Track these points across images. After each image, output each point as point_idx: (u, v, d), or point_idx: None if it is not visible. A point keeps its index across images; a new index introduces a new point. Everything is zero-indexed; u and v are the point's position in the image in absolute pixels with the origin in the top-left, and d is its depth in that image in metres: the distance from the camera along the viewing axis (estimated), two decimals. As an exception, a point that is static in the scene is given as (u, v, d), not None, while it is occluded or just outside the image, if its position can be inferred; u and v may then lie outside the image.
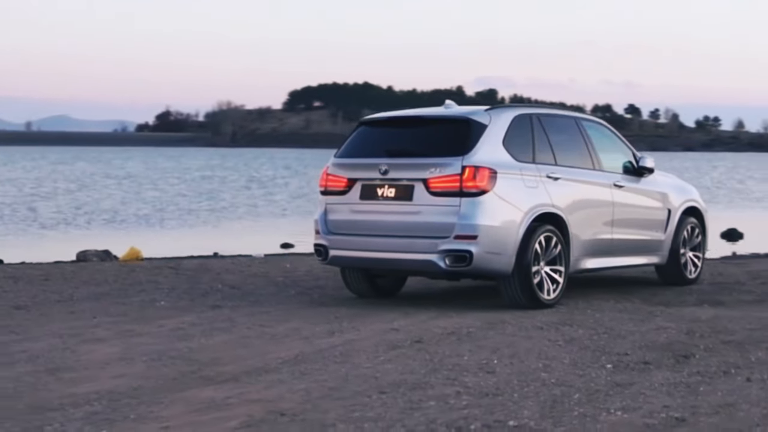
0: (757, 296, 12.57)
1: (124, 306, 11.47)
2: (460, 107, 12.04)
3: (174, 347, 8.95)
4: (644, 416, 6.68)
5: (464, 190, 10.79)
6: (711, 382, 7.72)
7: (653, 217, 13.02)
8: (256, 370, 8.06)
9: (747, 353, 8.80)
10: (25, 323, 10.25)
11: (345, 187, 11.51)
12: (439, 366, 8.17)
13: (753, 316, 10.85)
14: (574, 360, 8.42)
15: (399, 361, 8.37)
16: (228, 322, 10.26)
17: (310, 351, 8.78)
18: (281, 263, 16.41)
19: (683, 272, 13.46)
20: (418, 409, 6.79)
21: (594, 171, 12.24)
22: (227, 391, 7.34)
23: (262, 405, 6.90)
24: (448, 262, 10.79)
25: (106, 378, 7.75)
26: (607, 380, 7.70)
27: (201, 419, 6.55)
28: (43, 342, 9.19)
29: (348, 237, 11.45)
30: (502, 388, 7.39)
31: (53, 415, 6.64)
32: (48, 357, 8.50)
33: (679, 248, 13.34)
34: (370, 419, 6.53)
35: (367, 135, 11.79)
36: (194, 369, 8.09)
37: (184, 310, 11.13)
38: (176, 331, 9.81)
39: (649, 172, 12.99)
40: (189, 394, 7.24)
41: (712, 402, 7.07)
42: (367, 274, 12.05)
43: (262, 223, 30.02)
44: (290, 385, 7.51)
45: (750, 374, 7.95)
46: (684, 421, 6.57)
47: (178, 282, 13.64)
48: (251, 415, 6.62)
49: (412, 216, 11.03)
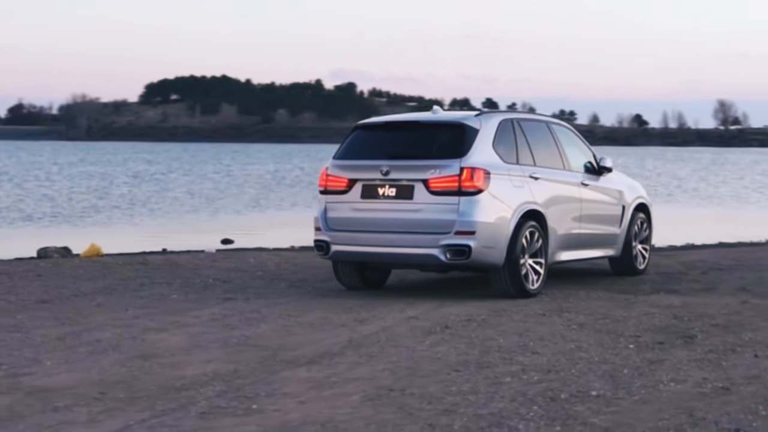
0: (704, 285, 13.84)
1: (141, 299, 12.19)
2: (451, 113, 13.10)
3: (231, 336, 9.76)
4: (694, 386, 7.78)
5: (462, 189, 11.82)
6: (727, 358, 8.87)
7: (611, 213, 14.26)
8: (324, 354, 8.95)
9: (738, 334, 10.00)
10: (69, 316, 10.91)
11: (346, 187, 12.43)
12: (485, 348, 9.17)
13: (717, 303, 12.09)
14: (599, 341, 9.52)
15: (446, 344, 9.35)
16: (256, 313, 11.09)
17: (358, 337, 9.70)
18: (243, 258, 17.18)
19: (634, 264, 14.74)
20: (501, 384, 7.80)
21: (564, 171, 13.41)
22: (318, 372, 8.23)
23: (363, 383, 7.82)
24: (449, 255, 11.82)
25: (198, 363, 8.55)
26: (640, 358, 8.81)
27: (323, 395, 7.45)
28: (107, 332, 9.91)
29: (349, 233, 12.37)
30: (557, 366, 8.43)
31: (189, 394, 7.45)
32: (127, 345, 9.25)
33: (631, 241, 14.62)
34: (469, 392, 7.51)
35: (364, 138, 12.73)
36: (269, 354, 8.93)
37: (201, 303, 11.90)
38: (215, 321, 10.60)
39: (607, 172, 14.21)
40: (288, 375, 8.10)
41: (741, 374, 8.21)
42: (358, 267, 12.97)
43: (179, 219, 30.47)
44: (370, 366, 8.42)
45: (754, 352, 9.14)
46: (729, 390, 7.69)
47: (169, 277, 14.36)
48: (365, 391, 7.53)
49: (412, 213, 12.01)
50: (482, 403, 7.22)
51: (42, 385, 7.73)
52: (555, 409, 7.04)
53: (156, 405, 7.15)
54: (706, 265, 16.21)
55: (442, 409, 7.02)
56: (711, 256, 17.66)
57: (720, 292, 13.10)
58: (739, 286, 13.70)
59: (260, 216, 32.04)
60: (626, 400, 7.33)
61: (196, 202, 36.39)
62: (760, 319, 10.94)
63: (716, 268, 15.69)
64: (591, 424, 6.66)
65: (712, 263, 16.44)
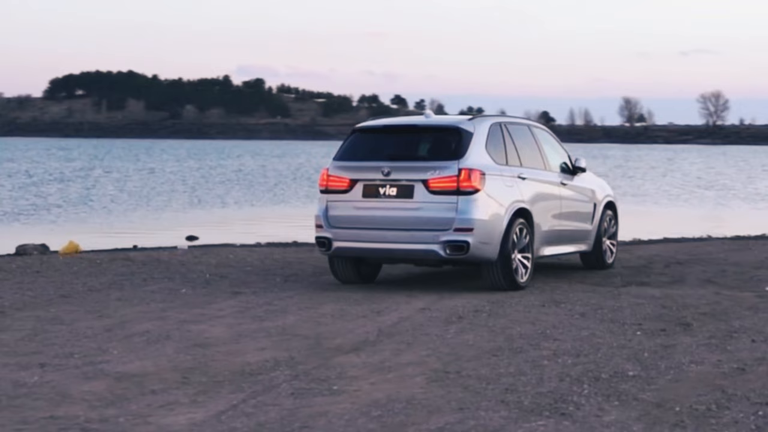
0: (672, 278, 14.81)
1: (154, 294, 12.79)
2: (444, 117, 13.93)
3: (266, 326, 10.45)
4: (713, 367, 8.66)
5: (461, 189, 12.63)
6: (728, 342, 9.77)
7: (585, 210, 15.19)
8: (364, 342, 9.68)
9: (727, 322, 10.92)
10: (99, 309, 11.50)
11: (347, 186, 13.17)
12: (508, 336, 9.98)
13: (693, 294, 13.03)
14: (608, 329, 10.38)
15: (470, 332, 10.14)
16: (272, 306, 11.78)
17: (386, 326, 10.44)
18: (220, 254, 17.82)
19: (604, 258, 15.70)
20: (541, 366, 8.61)
21: (546, 171, 14.30)
22: (368, 358, 8.96)
23: (417, 367, 8.57)
24: (448, 251, 12.63)
25: (253, 351, 9.23)
26: (653, 343, 9.68)
27: (388, 377, 8.19)
28: (146, 324, 10.54)
29: (351, 230, 13.11)
30: (583, 351, 9.27)
31: (266, 377, 8.14)
32: (177, 336, 9.88)
33: (601, 237, 15.58)
34: (517, 374, 8.31)
35: (363, 141, 13.48)
36: (312, 342, 9.65)
37: (213, 296, 12.55)
38: (241, 313, 11.27)
39: (581, 171, 15.13)
40: (342, 361, 8.82)
41: (748, 357, 9.11)
42: (354, 263, 13.72)
43: (126, 217, 30.80)
44: (413, 353, 9.17)
45: (750, 337, 10.05)
46: (744, 371, 8.57)
47: (164, 273, 14.97)
48: (424, 374, 8.29)
49: (413, 212, 12.79)
50: (535, 382, 8.01)
51: (124, 371, 8.34)
52: (603, 387, 7.86)
53: (243, 387, 7.82)
54: (663, 259, 17.21)
55: (503, 389, 7.80)
56: (664, 251, 18.70)
57: (690, 285, 14.03)
58: (705, 278, 14.67)
59: (206, 213, 32.49)
60: (660, 380, 8.17)
61: (134, 201, 36.67)
62: (739, 308, 11.87)
63: (675, 262, 16.68)
64: (642, 400, 7.49)
65: (669, 257, 17.44)
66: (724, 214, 33.20)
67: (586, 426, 6.76)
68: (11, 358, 8.83)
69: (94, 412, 7.07)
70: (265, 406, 7.24)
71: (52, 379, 8.05)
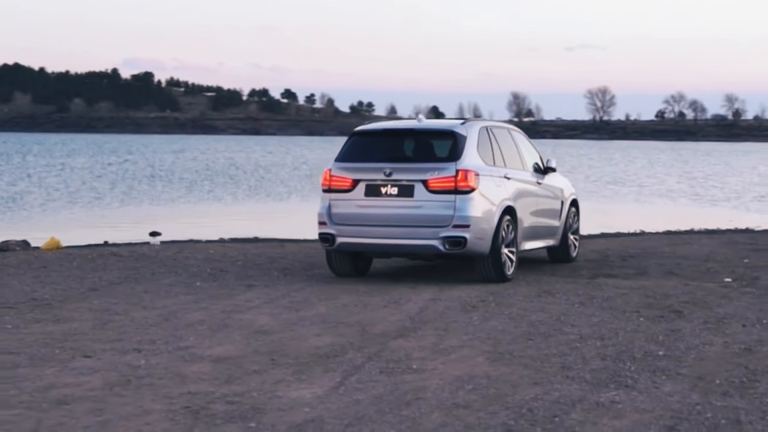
0: (635, 270, 16.12)
1: (174, 287, 13.70)
2: (438, 121, 15.10)
3: (306, 316, 11.44)
4: (724, 348, 9.92)
5: (458, 189, 13.78)
6: (723, 327, 11.02)
7: (555, 208, 16.47)
8: (405, 328, 10.74)
9: (712, 309, 12.19)
10: (136, 301, 12.37)
11: (350, 186, 14.22)
12: (530, 322, 11.13)
13: (665, 285, 14.29)
14: (613, 316, 11.59)
15: (493, 319, 11.27)
16: (292, 297, 12.76)
17: (413, 315, 11.53)
18: (198, 250, 18.70)
19: (569, 252, 17.00)
20: (577, 348, 9.77)
21: (524, 171, 15.53)
22: (419, 342, 10.03)
23: (471, 350, 9.67)
24: (447, 246, 13.77)
25: (312, 337, 10.23)
26: (659, 328, 10.91)
27: (452, 358, 9.28)
28: (197, 314, 11.47)
29: (354, 227, 14.17)
30: (604, 334, 10.46)
31: (345, 359, 9.16)
32: (234, 324, 10.83)
33: (567, 232, 16.88)
34: (560, 354, 9.45)
35: (364, 143, 14.54)
36: (359, 329, 10.67)
37: (230, 289, 13.49)
38: (270, 304, 12.25)
39: (552, 171, 16.40)
40: (396, 345, 9.86)
41: (747, 339, 10.38)
42: (350, 258, 14.78)
43: (65, 213, 31.22)
44: (456, 337, 10.26)
45: (739, 322, 11.34)
46: (751, 351, 9.84)
47: (163, 267, 15.83)
48: (483, 355, 9.41)
49: (413, 210, 13.90)
50: (582, 361, 9.17)
51: (215, 354, 9.30)
52: (644, 365, 9.06)
53: (333, 367, 8.84)
54: (616, 253, 18.57)
55: (559, 367, 8.95)
56: (612, 245, 20.06)
57: (655, 276, 15.33)
58: (665, 270, 16.01)
59: (145, 209, 33.07)
60: (687, 358, 9.40)
61: (62, 196, 37.01)
62: (714, 297, 13.17)
63: (629, 256, 18.04)
64: (684, 375, 8.70)
65: (621, 251, 18.81)
66: (646, 210, 34.80)
67: (652, 396, 7.94)
68: (104, 344, 9.71)
69: (222, 388, 8.04)
70: (368, 382, 8.27)
71: (157, 362, 8.97)
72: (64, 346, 9.63)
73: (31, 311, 11.64)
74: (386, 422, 7.07)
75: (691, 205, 37.09)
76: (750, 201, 39.22)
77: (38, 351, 9.43)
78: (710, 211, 33.94)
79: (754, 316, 11.71)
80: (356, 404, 7.57)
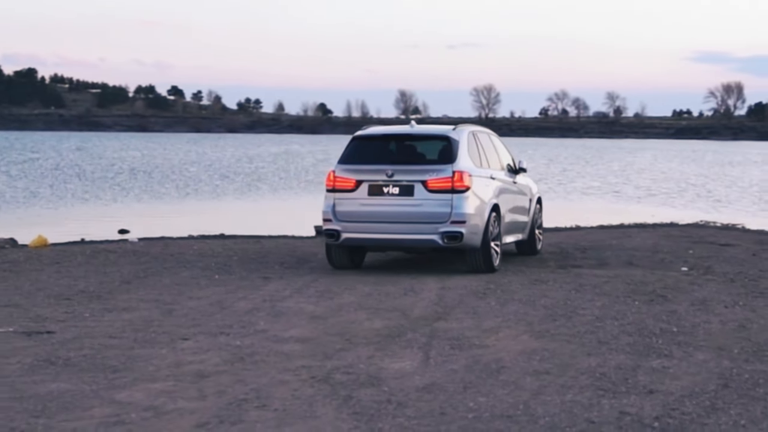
0: (597, 261, 17.75)
1: (197, 279, 14.89)
2: (431, 126, 16.57)
3: (341, 303, 12.75)
4: (722, 325, 11.51)
5: (455, 188, 15.26)
6: (709, 308, 12.61)
7: (525, 205, 18.07)
8: (438, 312, 12.12)
9: (689, 294, 13.80)
10: (182, 292, 13.57)
11: (354, 186, 15.59)
12: (545, 305, 12.61)
13: (633, 274, 15.90)
14: (612, 301, 13.12)
15: (511, 304, 12.73)
16: (317, 288, 14.05)
17: (437, 301, 12.93)
18: (182, 246, 19.87)
19: (535, 245, 18.61)
20: (601, 327, 11.25)
21: (502, 171, 17.07)
22: (460, 324, 11.42)
23: (509, 329, 11.11)
24: (446, 240, 15.25)
25: (363, 320, 11.53)
26: (658, 309, 12.48)
27: (500, 336, 10.69)
28: (244, 302, 12.71)
29: (358, 224, 15.55)
30: (616, 316, 11.96)
31: (407, 338, 10.52)
32: (290, 311, 12.10)
33: (534, 227, 18.48)
34: (591, 332, 10.92)
35: (365, 147, 15.93)
36: (400, 314, 11.99)
37: (250, 281, 14.73)
38: (300, 293, 13.53)
39: (523, 172, 17.99)
40: (440, 326, 11.20)
41: (735, 318, 12.00)
42: (349, 251, 16.16)
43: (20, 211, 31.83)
44: (489, 320, 11.67)
45: (720, 304, 12.95)
46: (744, 327, 11.47)
47: (168, 263, 16.99)
48: (525, 333, 10.85)
49: (414, 208, 15.34)
50: (611, 337, 10.67)
51: (296, 336, 10.57)
52: (668, 339, 10.59)
53: (407, 344, 10.21)
54: (571, 246, 20.24)
55: (596, 341, 10.45)
56: (563, 239, 21.72)
57: (617, 266, 16.94)
58: (624, 261, 17.67)
59: (88, 208, 33.81)
60: (698, 334, 10.98)
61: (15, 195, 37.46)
62: (684, 284, 14.81)
63: (584, 249, 19.70)
64: (706, 347, 10.26)
65: (574, 245, 20.48)
66: (576, 206, 36.62)
67: (691, 363, 9.49)
68: (188, 329, 10.93)
69: (327, 363, 9.35)
70: (449, 356, 9.66)
71: (251, 342, 10.21)
72: (156, 331, 10.81)
73: (89, 302, 12.74)
74: (494, 385, 8.48)
75: (617, 202, 39.21)
76: (662, 196, 41.54)
77: (136, 335, 10.59)
78: (634, 207, 36.00)
79: (729, 299, 13.33)
80: (455, 373, 8.95)
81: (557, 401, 7.94)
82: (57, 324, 11.22)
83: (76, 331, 10.80)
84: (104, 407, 7.76)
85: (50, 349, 9.92)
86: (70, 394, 8.17)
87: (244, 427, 7.26)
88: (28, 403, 7.89)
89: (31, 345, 10.11)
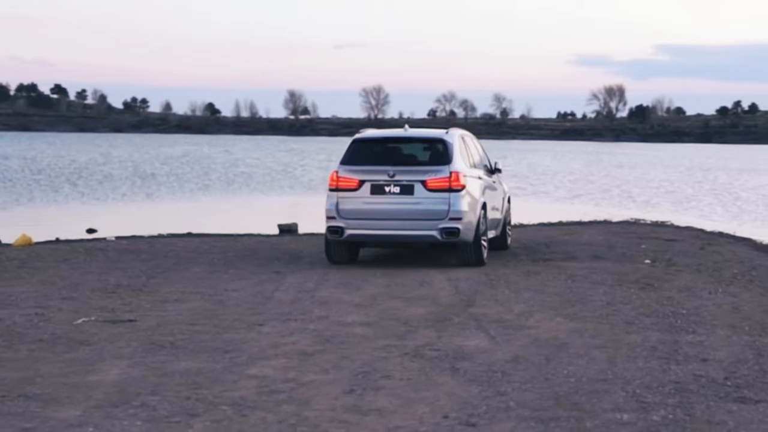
0: (565, 255, 19.21)
1: (216, 274, 15.94)
2: (426, 130, 17.96)
3: (369, 294, 13.93)
4: (717, 308, 13.00)
5: (452, 188, 16.62)
6: (696, 294, 14.10)
7: (500, 204, 19.51)
8: (464, 302, 13.35)
9: (671, 282, 15.30)
10: (211, 286, 14.63)
11: (356, 186, 16.85)
12: (557, 293, 13.97)
13: (606, 266, 17.35)
14: (610, 289, 14.53)
15: (524, 292, 14.06)
16: (336, 280, 15.26)
17: (455, 291, 14.21)
18: (166, 243, 20.85)
19: (506, 241, 20.08)
20: (620, 310, 12.66)
21: (483, 172, 18.48)
22: (490, 309, 12.73)
23: (539, 314, 12.44)
24: (444, 235, 16.60)
25: (405, 308, 12.74)
26: (656, 295, 13.94)
27: (535, 318, 11.99)
28: (281, 293, 13.81)
29: (361, 221, 16.82)
30: (623, 301, 13.37)
31: (456, 321, 11.85)
32: (333, 300, 13.28)
33: (505, 224, 19.95)
34: (614, 314, 12.34)
35: (365, 149, 17.19)
36: (431, 302, 13.24)
37: (265, 275, 15.79)
38: (323, 285, 14.70)
39: (498, 172, 19.44)
40: (477, 312, 12.50)
41: (724, 301, 13.50)
42: (347, 247, 17.42)
43: None
44: (516, 306, 12.96)
45: (703, 291, 14.48)
46: (738, 309, 12.99)
47: (170, 259, 18.00)
48: (556, 317, 12.20)
49: (413, 206, 16.66)
50: (636, 318, 12.11)
51: (357, 321, 11.78)
52: (685, 320, 12.01)
53: (464, 325, 11.49)
54: (532, 241, 21.71)
55: (624, 322, 11.85)
56: (518, 235, 23.09)
57: (587, 260, 18.38)
58: (591, 255, 19.16)
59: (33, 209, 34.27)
60: (705, 315, 12.44)
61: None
62: (660, 274, 16.34)
63: (546, 244, 21.17)
64: (719, 325, 11.72)
65: (535, 240, 21.96)
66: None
67: (719, 337, 10.94)
68: (255, 317, 12.03)
69: (408, 342, 10.52)
70: (508, 336, 10.94)
71: (324, 327, 11.36)
72: (228, 319, 11.87)
73: (137, 295, 13.70)
74: (570, 357, 9.80)
75: (547, 201, 40.93)
76: (583, 195, 43.44)
77: (212, 323, 11.64)
78: (561, 206, 37.71)
79: (708, 287, 14.85)
80: (526, 348, 10.27)
81: (634, 368, 9.30)
82: (129, 314, 12.16)
83: (154, 320, 11.76)
84: (247, 380, 8.82)
85: (145, 335, 10.88)
86: (206, 370, 9.20)
87: (387, 391, 8.43)
88: (178, 378, 8.91)
89: (125, 332, 11.06)
